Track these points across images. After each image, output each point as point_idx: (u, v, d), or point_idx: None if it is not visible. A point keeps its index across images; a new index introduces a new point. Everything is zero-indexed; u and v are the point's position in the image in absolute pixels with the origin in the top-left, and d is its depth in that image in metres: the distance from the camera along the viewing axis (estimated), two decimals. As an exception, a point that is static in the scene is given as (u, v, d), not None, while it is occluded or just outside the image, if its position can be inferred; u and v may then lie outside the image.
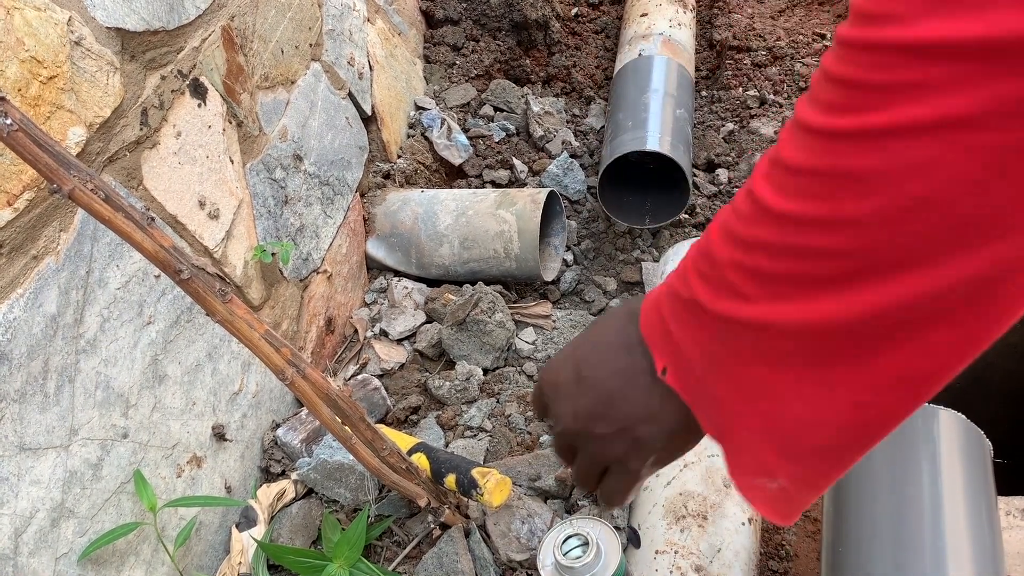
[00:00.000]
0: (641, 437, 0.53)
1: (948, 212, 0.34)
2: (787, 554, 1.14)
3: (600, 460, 0.56)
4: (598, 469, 0.57)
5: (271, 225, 1.28)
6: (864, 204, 0.36)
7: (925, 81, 0.33)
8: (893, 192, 0.35)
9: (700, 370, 0.47)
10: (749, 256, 0.42)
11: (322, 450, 1.16)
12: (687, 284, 0.47)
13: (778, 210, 0.40)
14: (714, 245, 0.45)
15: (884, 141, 0.35)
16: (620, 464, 0.55)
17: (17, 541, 0.81)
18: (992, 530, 0.87)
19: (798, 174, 0.39)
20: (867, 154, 0.35)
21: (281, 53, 1.32)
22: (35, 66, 0.81)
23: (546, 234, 1.63)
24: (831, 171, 0.37)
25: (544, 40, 2.04)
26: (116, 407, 0.95)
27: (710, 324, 0.45)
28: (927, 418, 0.95)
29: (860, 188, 0.36)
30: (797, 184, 0.39)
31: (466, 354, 1.39)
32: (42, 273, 0.84)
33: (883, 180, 0.35)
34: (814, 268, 0.39)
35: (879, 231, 0.36)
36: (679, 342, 0.48)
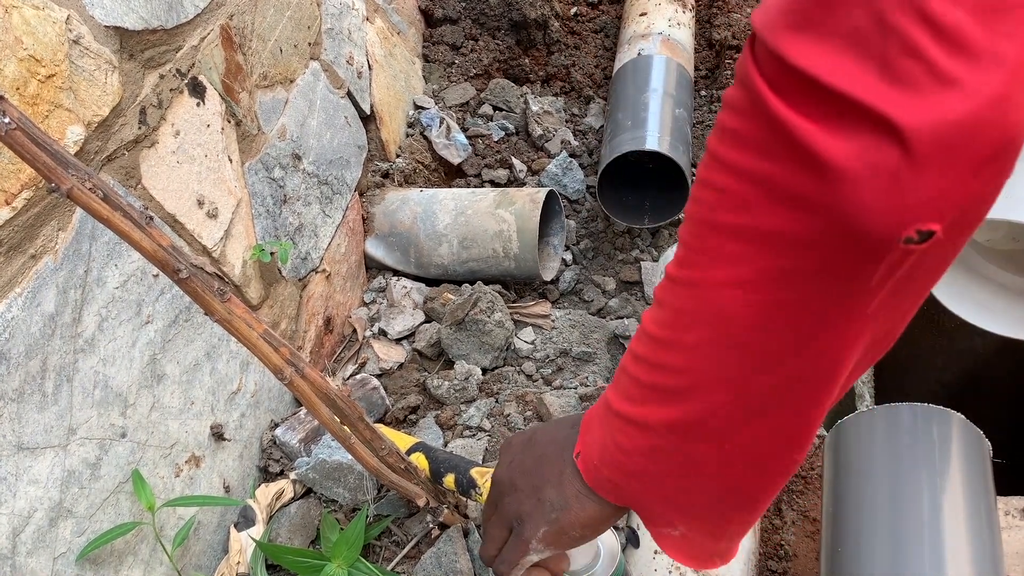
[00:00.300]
0: (544, 498, 0.60)
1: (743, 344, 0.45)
2: (786, 554, 1.14)
3: (507, 514, 0.64)
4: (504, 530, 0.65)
5: (270, 224, 1.28)
6: (693, 335, 0.47)
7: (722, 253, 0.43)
8: (710, 328, 0.46)
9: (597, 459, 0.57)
10: (634, 366, 0.53)
11: (321, 450, 1.15)
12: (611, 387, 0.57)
13: (648, 332, 0.51)
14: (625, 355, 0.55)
15: (702, 292, 0.45)
16: (519, 524, 0.63)
17: (15, 541, 0.81)
18: (991, 530, 0.87)
19: (658, 305, 0.50)
20: (692, 300, 0.46)
21: (280, 52, 1.32)
22: (33, 64, 0.81)
23: (545, 234, 1.63)
24: (672, 307, 0.48)
25: (543, 39, 2.04)
26: (114, 406, 0.95)
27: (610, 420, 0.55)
28: (926, 418, 0.95)
29: (689, 321, 0.47)
30: (657, 313, 0.50)
31: (465, 354, 1.39)
32: (40, 272, 0.84)
33: (703, 318, 0.46)
34: (663, 379, 0.50)
35: (704, 356, 0.47)
36: (592, 433, 0.58)
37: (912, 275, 0.40)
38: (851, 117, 0.35)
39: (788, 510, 1.20)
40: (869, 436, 0.97)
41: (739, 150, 0.41)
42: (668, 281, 0.49)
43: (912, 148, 0.34)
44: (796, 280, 0.41)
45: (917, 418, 0.95)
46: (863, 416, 0.99)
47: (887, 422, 0.96)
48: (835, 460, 0.99)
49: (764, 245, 0.41)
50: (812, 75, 0.36)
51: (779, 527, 1.17)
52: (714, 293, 0.45)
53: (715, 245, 0.44)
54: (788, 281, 0.41)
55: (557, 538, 0.61)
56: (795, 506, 1.20)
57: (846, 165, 0.35)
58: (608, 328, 1.47)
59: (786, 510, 1.20)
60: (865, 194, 0.36)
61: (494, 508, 0.67)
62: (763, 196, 0.40)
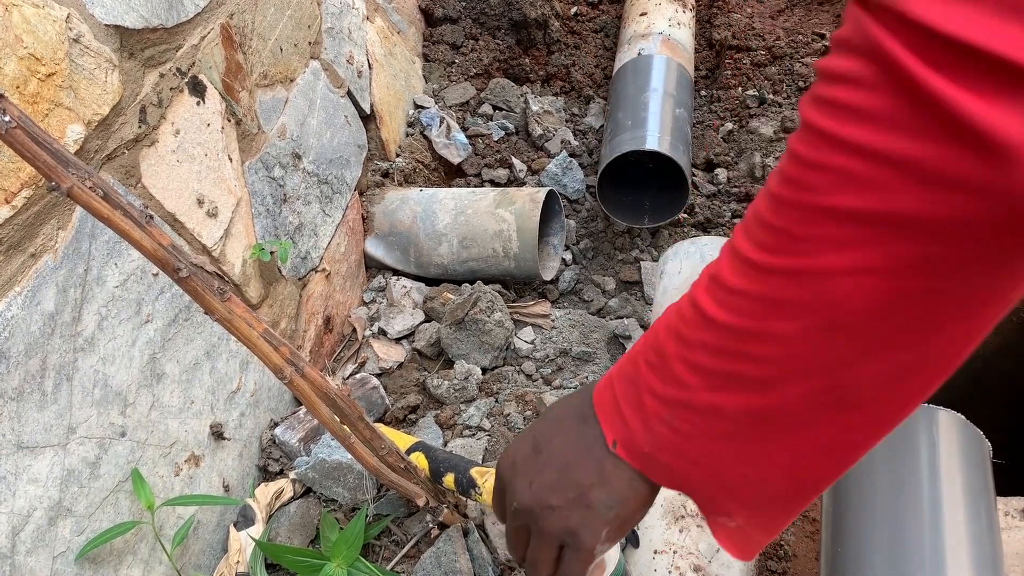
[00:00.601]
0: (593, 503, 0.57)
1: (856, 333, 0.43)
2: (786, 554, 1.14)
3: (554, 534, 0.59)
4: (553, 550, 0.60)
5: (269, 223, 1.28)
6: (791, 324, 0.44)
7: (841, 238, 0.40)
8: (815, 317, 0.43)
9: (648, 446, 0.54)
10: (692, 353, 0.50)
11: (320, 449, 1.15)
12: (637, 372, 0.54)
13: (719, 321, 0.48)
14: (662, 341, 0.52)
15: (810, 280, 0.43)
16: (573, 538, 0.59)
17: (15, 540, 0.81)
18: (991, 530, 0.87)
19: (736, 294, 0.47)
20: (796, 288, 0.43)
21: (280, 51, 1.32)
22: (33, 63, 0.81)
23: (545, 233, 1.63)
24: (764, 297, 0.45)
25: (543, 39, 2.03)
26: (114, 405, 0.94)
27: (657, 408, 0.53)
28: (927, 418, 0.95)
29: (789, 312, 0.44)
30: (735, 302, 0.47)
31: (465, 353, 1.39)
32: (40, 271, 0.84)
33: (807, 308, 0.43)
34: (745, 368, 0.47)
35: (802, 345, 0.44)
36: (628, 420, 0.55)
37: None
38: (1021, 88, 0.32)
39: (788, 510, 1.20)
40: (869, 436, 0.97)
41: (865, 128, 0.38)
42: (749, 268, 0.45)
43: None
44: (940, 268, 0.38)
45: (918, 419, 0.95)
46: (863, 416, 0.99)
47: (887, 422, 0.96)
48: (835, 460, 0.99)
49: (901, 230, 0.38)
50: (972, 43, 0.33)
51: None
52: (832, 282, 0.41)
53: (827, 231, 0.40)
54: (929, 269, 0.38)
55: (620, 531, 0.59)
56: (795, 506, 1.20)
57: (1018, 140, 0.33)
58: (608, 328, 1.47)
59: (786, 510, 1.20)
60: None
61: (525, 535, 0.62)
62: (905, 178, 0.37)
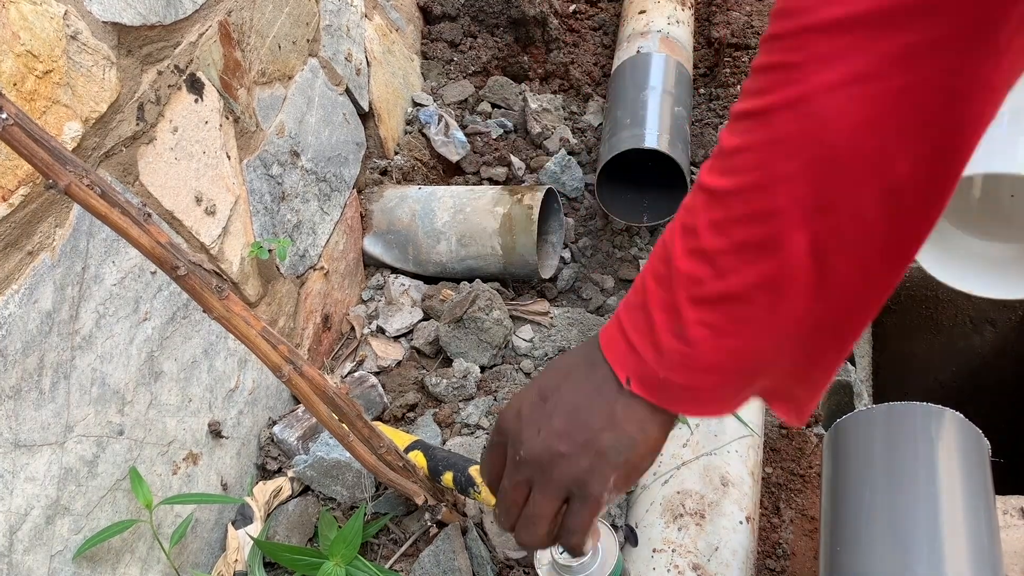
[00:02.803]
0: (603, 448, 0.55)
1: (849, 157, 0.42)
2: (784, 552, 1.14)
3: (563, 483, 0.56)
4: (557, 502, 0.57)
5: (268, 221, 1.27)
6: (791, 164, 0.43)
7: (831, 51, 0.41)
8: (812, 148, 0.43)
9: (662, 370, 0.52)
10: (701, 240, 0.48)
11: (319, 447, 1.15)
12: (645, 292, 0.52)
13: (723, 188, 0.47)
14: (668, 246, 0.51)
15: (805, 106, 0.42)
16: (582, 487, 0.56)
17: (12, 538, 0.81)
18: (990, 529, 0.87)
19: (737, 153, 0.46)
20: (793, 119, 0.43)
21: (278, 48, 1.32)
22: (31, 60, 0.81)
23: (544, 231, 1.63)
24: (764, 142, 0.44)
25: (542, 37, 2.03)
26: (112, 404, 0.94)
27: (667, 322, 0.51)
28: (925, 417, 0.95)
29: (788, 149, 0.43)
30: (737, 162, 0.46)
31: (463, 351, 1.39)
32: (37, 269, 0.83)
33: (805, 139, 0.43)
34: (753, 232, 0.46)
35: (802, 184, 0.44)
36: (639, 349, 0.52)
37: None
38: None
39: (786, 508, 1.20)
40: (868, 435, 0.97)
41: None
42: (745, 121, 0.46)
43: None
44: (920, 55, 0.39)
45: (916, 417, 0.95)
46: (862, 415, 0.99)
47: (886, 421, 0.96)
48: (834, 459, 0.99)
49: (882, 25, 0.39)
50: None
51: (777, 526, 1.17)
52: (820, 101, 0.42)
53: (819, 47, 0.41)
54: (911, 59, 0.39)
55: (629, 477, 0.57)
56: (793, 504, 1.20)
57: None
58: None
59: (784, 508, 1.20)
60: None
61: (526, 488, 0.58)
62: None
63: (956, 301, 1.60)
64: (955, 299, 1.60)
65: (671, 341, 0.50)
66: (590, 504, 0.57)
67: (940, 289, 1.60)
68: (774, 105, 0.44)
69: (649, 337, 0.52)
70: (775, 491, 1.21)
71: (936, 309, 1.63)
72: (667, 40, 1.83)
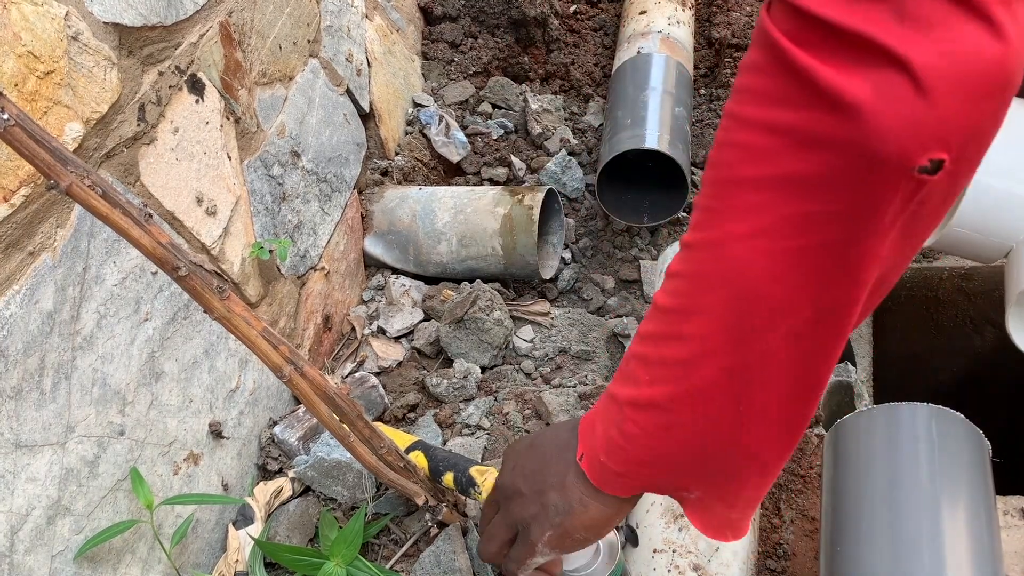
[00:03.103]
0: (548, 503, 0.62)
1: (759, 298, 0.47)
2: (785, 553, 1.14)
3: (512, 518, 0.65)
4: (509, 531, 0.66)
5: (269, 222, 1.27)
6: (710, 297, 0.49)
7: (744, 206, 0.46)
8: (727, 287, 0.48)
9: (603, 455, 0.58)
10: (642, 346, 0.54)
11: (319, 448, 1.15)
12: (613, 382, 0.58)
13: (661, 305, 0.53)
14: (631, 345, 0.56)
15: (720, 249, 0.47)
16: (524, 528, 0.64)
17: (13, 539, 0.81)
18: (991, 530, 0.87)
19: (674, 277, 0.52)
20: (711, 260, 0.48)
21: (279, 49, 1.32)
22: (32, 61, 0.81)
23: (544, 232, 1.63)
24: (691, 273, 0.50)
25: (543, 37, 2.03)
26: (113, 404, 0.94)
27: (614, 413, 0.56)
28: (926, 417, 0.95)
29: (707, 283, 0.49)
30: (673, 285, 0.52)
31: (464, 352, 1.39)
32: (38, 269, 0.83)
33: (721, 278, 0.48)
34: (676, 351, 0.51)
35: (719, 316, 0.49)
36: (596, 431, 0.59)
37: (919, 213, 0.43)
38: (868, 57, 0.39)
39: (787, 509, 1.20)
40: (868, 435, 0.97)
41: (761, 106, 0.44)
42: (684, 250, 0.51)
43: (922, 82, 0.38)
44: (817, 222, 0.44)
45: (916, 417, 0.95)
46: (862, 415, 0.99)
47: (886, 421, 0.96)
48: (834, 459, 0.99)
49: (786, 191, 0.44)
50: (830, 20, 0.39)
51: (778, 526, 1.17)
52: (734, 247, 0.47)
53: (735, 201, 0.46)
54: (809, 225, 0.44)
55: (561, 541, 0.63)
56: (794, 505, 1.20)
57: (864, 100, 0.39)
58: (607, 327, 1.47)
59: (785, 509, 1.20)
60: (882, 124, 0.39)
61: (495, 509, 0.68)
62: (787, 143, 0.43)
63: (956, 302, 1.60)
64: (955, 299, 1.60)
65: (612, 431, 0.56)
66: (527, 546, 0.64)
67: (940, 289, 1.60)
68: (700, 242, 0.49)
69: (603, 423, 0.58)
70: (775, 491, 1.21)
71: (936, 309, 1.63)
72: (667, 41, 1.83)
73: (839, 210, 0.43)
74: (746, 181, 0.45)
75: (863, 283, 0.45)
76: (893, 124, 0.39)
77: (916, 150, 0.39)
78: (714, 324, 0.49)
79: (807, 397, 0.51)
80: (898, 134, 0.39)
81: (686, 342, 0.51)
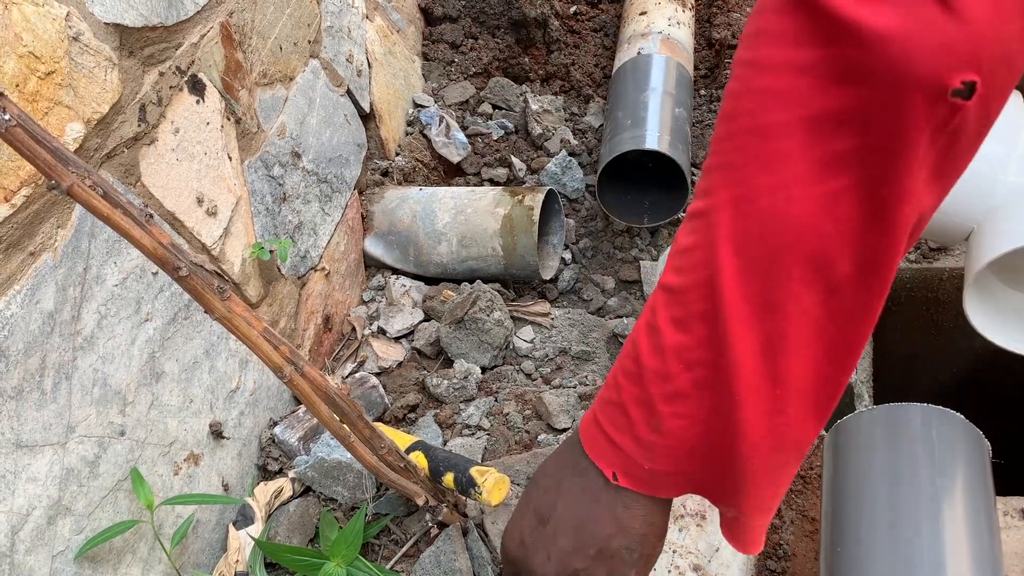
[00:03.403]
0: (617, 552, 0.56)
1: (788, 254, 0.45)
2: (785, 553, 1.14)
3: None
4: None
5: (269, 222, 1.28)
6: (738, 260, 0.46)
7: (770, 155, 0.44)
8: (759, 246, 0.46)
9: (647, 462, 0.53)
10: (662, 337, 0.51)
11: (320, 448, 1.15)
12: (618, 389, 0.54)
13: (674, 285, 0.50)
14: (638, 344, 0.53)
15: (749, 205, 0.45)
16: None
17: (14, 538, 0.81)
18: (991, 530, 0.87)
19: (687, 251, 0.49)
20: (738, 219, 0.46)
21: (280, 50, 1.32)
22: (33, 61, 0.81)
23: (544, 232, 1.63)
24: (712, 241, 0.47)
25: (543, 38, 2.03)
26: (113, 404, 0.94)
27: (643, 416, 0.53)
28: (926, 418, 0.95)
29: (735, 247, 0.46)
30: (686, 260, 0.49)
31: (464, 352, 1.39)
32: (39, 270, 0.84)
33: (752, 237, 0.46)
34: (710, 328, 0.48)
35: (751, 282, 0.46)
36: (620, 445, 0.54)
37: (952, 147, 0.42)
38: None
39: (787, 509, 1.20)
40: (868, 436, 0.97)
41: (781, 47, 0.42)
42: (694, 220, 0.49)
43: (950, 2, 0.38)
44: (851, 162, 0.42)
45: (916, 418, 0.95)
46: (863, 416, 0.99)
47: (887, 422, 0.96)
48: (834, 460, 0.99)
49: (817, 132, 0.42)
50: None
51: (778, 527, 1.17)
52: (763, 200, 0.44)
53: (761, 151, 0.44)
54: (843, 165, 0.42)
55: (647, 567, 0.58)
56: (794, 505, 1.20)
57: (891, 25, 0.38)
58: (607, 327, 1.47)
59: (785, 509, 1.20)
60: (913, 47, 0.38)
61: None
62: (814, 82, 0.41)
63: (957, 302, 1.60)
64: (956, 300, 1.60)
65: (650, 435, 0.52)
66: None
67: (941, 290, 1.60)
68: (718, 205, 0.47)
69: (629, 433, 0.53)
70: (776, 492, 1.21)
71: (937, 310, 1.63)
72: (668, 41, 1.83)
73: (872, 144, 0.41)
74: (771, 127, 0.43)
75: (901, 225, 0.43)
76: (924, 45, 0.38)
77: (948, 71, 0.39)
78: (744, 293, 0.46)
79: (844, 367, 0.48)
80: (929, 56, 0.38)
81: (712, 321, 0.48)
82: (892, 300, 1.61)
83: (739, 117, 0.45)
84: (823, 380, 0.48)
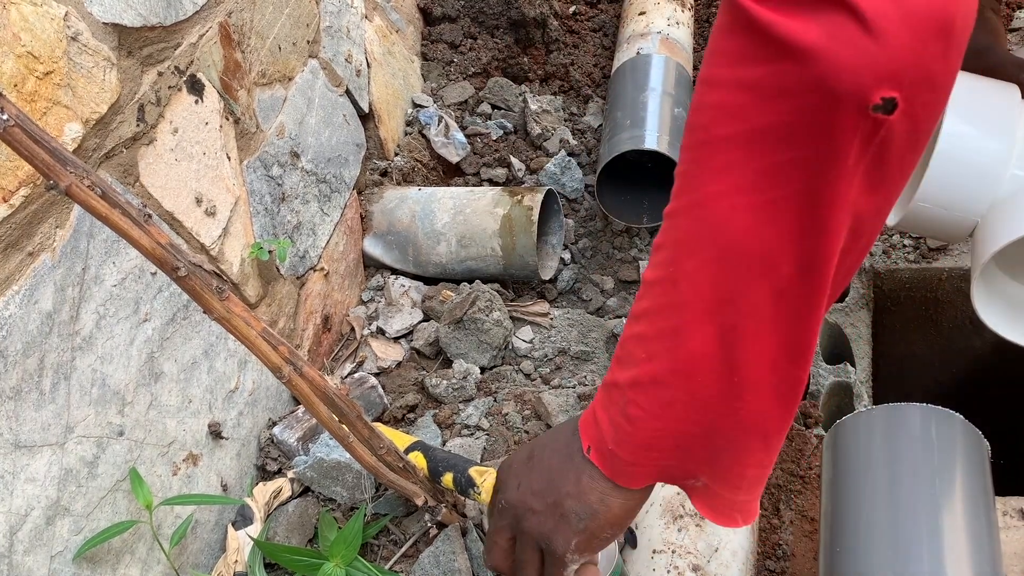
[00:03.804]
0: (567, 512, 0.61)
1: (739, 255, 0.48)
2: (784, 554, 1.14)
3: (532, 536, 0.64)
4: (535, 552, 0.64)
5: (268, 222, 1.27)
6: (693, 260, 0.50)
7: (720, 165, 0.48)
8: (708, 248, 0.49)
9: (612, 442, 0.58)
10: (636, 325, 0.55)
11: (319, 448, 1.15)
12: (610, 370, 0.58)
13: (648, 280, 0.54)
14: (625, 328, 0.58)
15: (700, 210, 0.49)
16: (547, 543, 0.63)
17: (12, 539, 0.81)
18: (990, 531, 0.87)
19: (658, 250, 0.53)
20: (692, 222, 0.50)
21: (279, 50, 1.32)
22: (31, 61, 0.81)
23: (544, 232, 1.63)
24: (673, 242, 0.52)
25: (542, 38, 2.03)
26: (112, 405, 0.94)
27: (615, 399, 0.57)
28: (925, 418, 0.95)
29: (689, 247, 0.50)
30: (657, 258, 0.53)
31: (463, 352, 1.39)
32: (38, 270, 0.83)
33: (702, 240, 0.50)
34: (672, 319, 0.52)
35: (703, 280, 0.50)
36: (599, 421, 0.59)
37: (882, 158, 0.45)
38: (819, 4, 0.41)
39: (786, 510, 1.20)
40: (868, 436, 0.97)
41: (729, 66, 0.46)
42: (666, 221, 0.53)
43: (870, 23, 0.41)
44: (787, 172, 0.46)
45: (916, 418, 0.95)
46: (862, 416, 0.99)
47: (886, 422, 0.96)
48: (834, 460, 0.99)
49: (757, 144, 0.46)
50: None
51: (777, 527, 1.17)
52: (712, 207, 0.49)
53: (711, 162, 0.48)
54: (780, 175, 0.46)
55: (589, 544, 0.62)
56: (793, 506, 1.20)
57: (817, 43, 0.41)
58: (606, 327, 1.47)
59: (784, 510, 1.20)
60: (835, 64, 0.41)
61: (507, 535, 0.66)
62: (754, 98, 0.45)
63: (956, 302, 1.60)
64: (955, 300, 1.60)
65: (618, 417, 0.57)
66: (556, 561, 0.63)
67: (940, 290, 1.60)
68: (680, 209, 0.51)
69: (607, 412, 0.58)
70: (775, 492, 1.21)
71: (936, 310, 1.63)
72: (667, 41, 1.83)
73: (805, 156, 0.45)
74: (720, 140, 0.47)
75: (835, 231, 0.47)
76: (845, 63, 0.41)
77: (868, 87, 0.41)
78: (700, 288, 0.50)
79: (797, 360, 0.52)
80: (850, 72, 0.41)
81: (676, 311, 0.52)
82: (892, 300, 1.61)
83: (696, 130, 0.49)
84: (780, 371, 0.52)
